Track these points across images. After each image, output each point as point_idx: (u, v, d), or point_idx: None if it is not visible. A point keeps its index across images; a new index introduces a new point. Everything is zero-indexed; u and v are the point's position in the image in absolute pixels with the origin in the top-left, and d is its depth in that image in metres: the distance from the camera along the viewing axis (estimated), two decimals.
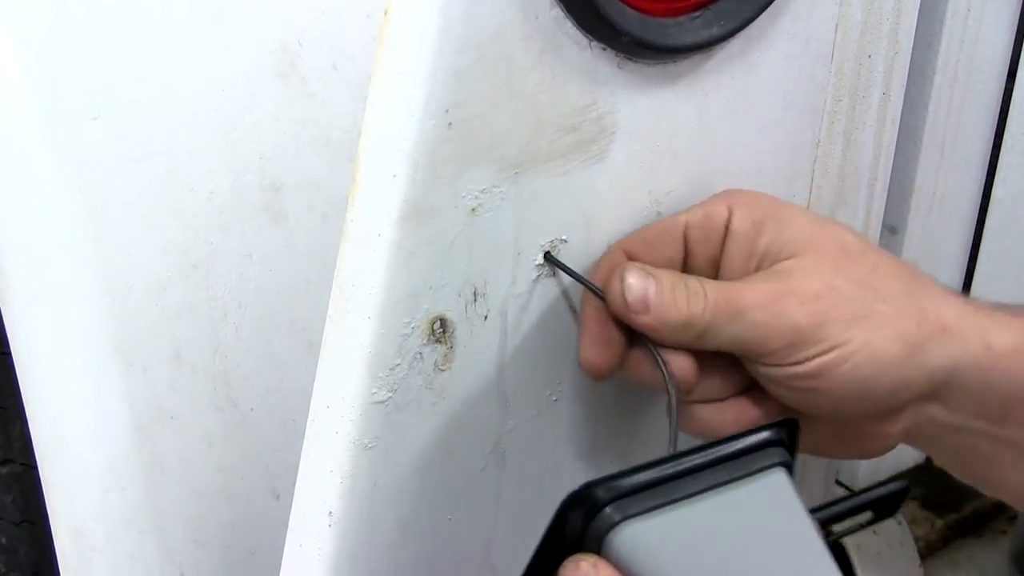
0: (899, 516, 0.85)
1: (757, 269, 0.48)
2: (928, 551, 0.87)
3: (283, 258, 0.67)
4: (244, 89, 0.64)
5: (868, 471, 0.85)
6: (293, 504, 0.50)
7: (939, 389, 0.47)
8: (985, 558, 0.89)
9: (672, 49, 0.49)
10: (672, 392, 0.47)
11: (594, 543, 0.41)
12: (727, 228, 0.49)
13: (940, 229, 0.77)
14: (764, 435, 0.44)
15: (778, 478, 0.43)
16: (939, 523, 0.89)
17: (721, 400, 0.50)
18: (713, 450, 0.43)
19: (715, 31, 0.50)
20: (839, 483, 0.86)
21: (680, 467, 0.42)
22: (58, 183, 0.60)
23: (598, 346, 0.49)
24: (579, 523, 0.41)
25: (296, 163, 0.66)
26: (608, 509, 0.41)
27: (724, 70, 0.53)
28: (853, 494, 0.52)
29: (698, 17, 0.49)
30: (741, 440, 0.43)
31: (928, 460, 0.89)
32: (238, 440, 0.67)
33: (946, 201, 0.76)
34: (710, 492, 0.42)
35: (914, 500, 0.91)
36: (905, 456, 0.87)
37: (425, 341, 0.47)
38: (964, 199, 0.77)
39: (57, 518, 0.65)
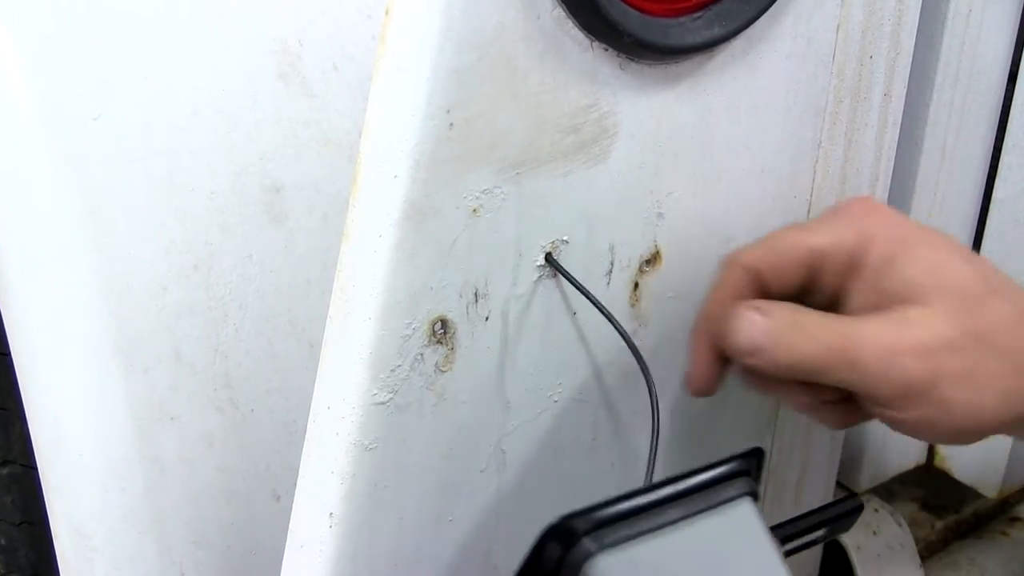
0: (898, 517, 0.85)
1: (877, 307, 0.47)
2: (928, 552, 0.87)
3: (283, 259, 0.66)
4: (245, 89, 0.64)
5: (869, 472, 0.85)
6: (294, 505, 0.50)
7: None
8: (985, 560, 0.88)
9: (674, 50, 0.49)
10: (656, 426, 0.49)
11: (570, 573, 0.44)
12: (860, 262, 0.48)
13: (941, 230, 0.77)
14: (731, 466, 0.47)
15: (745, 508, 0.46)
16: (939, 524, 0.89)
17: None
18: (683, 482, 0.45)
19: (717, 32, 0.50)
20: (840, 484, 0.86)
21: (652, 498, 0.45)
22: (58, 183, 0.60)
23: (701, 367, 0.51)
24: (556, 554, 0.44)
25: (296, 163, 0.66)
26: (585, 540, 0.43)
27: (726, 71, 0.53)
28: (810, 512, 0.55)
29: (700, 18, 0.49)
30: (710, 471, 0.46)
31: (929, 461, 0.89)
32: (238, 441, 0.67)
33: (947, 202, 0.76)
34: (681, 523, 0.45)
35: (914, 502, 0.91)
36: (906, 457, 0.87)
37: (426, 342, 0.47)
38: (965, 200, 0.77)
39: (57, 519, 0.64)
